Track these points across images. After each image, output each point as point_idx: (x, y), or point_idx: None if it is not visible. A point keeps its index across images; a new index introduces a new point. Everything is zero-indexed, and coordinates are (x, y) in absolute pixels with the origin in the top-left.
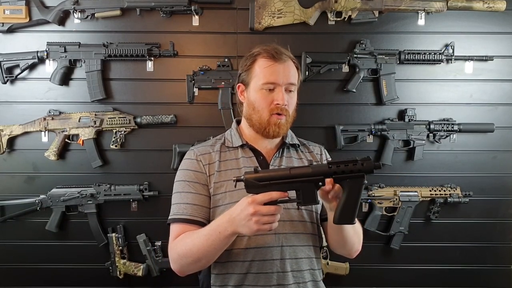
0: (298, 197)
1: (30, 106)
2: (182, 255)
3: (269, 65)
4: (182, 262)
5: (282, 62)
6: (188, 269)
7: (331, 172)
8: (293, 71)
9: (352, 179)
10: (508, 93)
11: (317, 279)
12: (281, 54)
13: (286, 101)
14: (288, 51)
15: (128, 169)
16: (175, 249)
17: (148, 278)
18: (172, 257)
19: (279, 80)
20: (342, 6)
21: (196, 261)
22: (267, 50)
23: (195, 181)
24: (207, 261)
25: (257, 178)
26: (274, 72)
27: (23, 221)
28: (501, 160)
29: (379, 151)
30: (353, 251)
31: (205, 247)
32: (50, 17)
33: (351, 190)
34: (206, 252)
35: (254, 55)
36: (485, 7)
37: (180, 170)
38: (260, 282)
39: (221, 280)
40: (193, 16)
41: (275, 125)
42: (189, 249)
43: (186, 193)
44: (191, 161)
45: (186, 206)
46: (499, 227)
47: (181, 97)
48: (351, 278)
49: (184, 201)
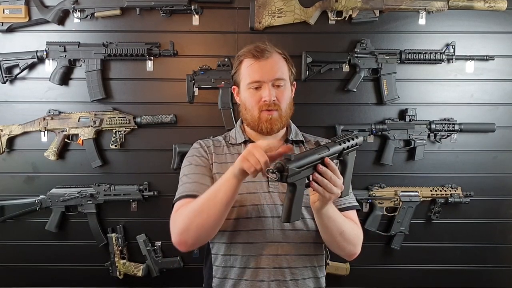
0: None
1: (30, 106)
2: (188, 216)
3: (251, 64)
4: (185, 226)
5: (265, 59)
6: (190, 234)
7: (343, 148)
8: (279, 65)
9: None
10: (509, 93)
11: (318, 275)
12: (263, 51)
13: (274, 96)
14: (271, 46)
15: (128, 169)
16: (180, 215)
17: (148, 278)
18: (173, 226)
19: (264, 77)
20: (343, 5)
21: (204, 217)
22: (249, 50)
23: (201, 165)
24: (209, 215)
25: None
26: (257, 70)
27: (22, 221)
28: (502, 160)
29: (380, 151)
30: (346, 253)
31: (213, 194)
32: (49, 16)
33: (349, 162)
34: (214, 200)
35: (240, 56)
36: (486, 7)
37: (186, 157)
38: (258, 277)
39: (221, 272)
40: (193, 15)
41: (267, 121)
42: (196, 206)
43: (192, 174)
44: (197, 149)
45: (191, 185)
46: (500, 227)
47: (181, 97)
48: (351, 278)
49: (190, 181)
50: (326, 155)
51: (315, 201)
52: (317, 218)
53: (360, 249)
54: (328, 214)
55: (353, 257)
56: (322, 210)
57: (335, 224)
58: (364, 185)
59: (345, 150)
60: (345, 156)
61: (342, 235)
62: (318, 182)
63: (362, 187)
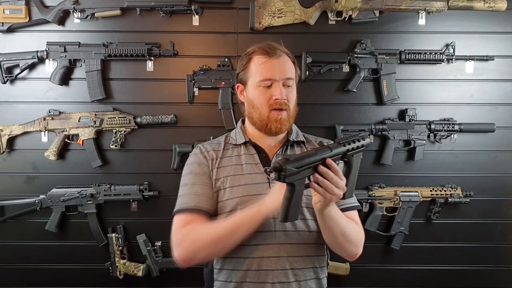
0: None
1: (30, 106)
2: (199, 238)
3: (264, 61)
4: (195, 247)
5: (277, 57)
6: (196, 255)
7: (347, 149)
8: (289, 65)
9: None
10: (509, 93)
11: (319, 276)
12: (275, 49)
13: (285, 95)
14: (282, 46)
15: (128, 169)
16: (188, 235)
17: (148, 278)
18: (182, 243)
19: (276, 76)
20: (343, 5)
21: (212, 245)
22: (261, 47)
23: (201, 173)
24: (223, 246)
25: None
26: (270, 68)
27: (23, 221)
28: (502, 160)
29: (380, 151)
30: (347, 253)
31: (228, 228)
32: (50, 16)
33: (354, 164)
34: (230, 233)
35: (249, 53)
36: (486, 7)
37: (186, 164)
38: (261, 279)
39: (223, 275)
40: (193, 15)
41: (276, 121)
42: (211, 231)
43: (192, 185)
44: (197, 156)
45: (191, 197)
46: (500, 227)
47: (181, 97)
48: (351, 278)
49: (190, 192)
50: (328, 156)
51: (317, 202)
52: (320, 219)
53: (362, 249)
54: (330, 215)
55: (355, 258)
56: (324, 211)
57: (337, 225)
58: (364, 185)
59: (349, 151)
60: (349, 157)
61: (344, 236)
62: (319, 182)
63: (362, 187)
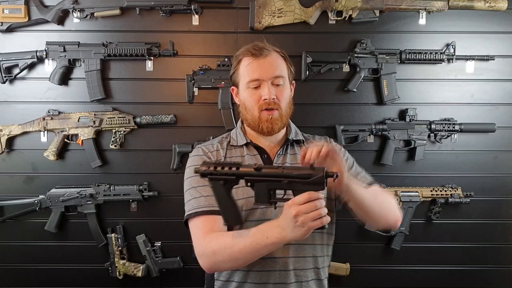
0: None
1: (29, 106)
2: (219, 253)
3: (250, 63)
4: (217, 260)
5: (264, 57)
6: (220, 267)
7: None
8: (277, 63)
9: None
10: (509, 93)
11: (321, 277)
12: (261, 49)
13: (274, 94)
14: (270, 45)
15: (128, 169)
16: (210, 246)
17: (148, 278)
18: (204, 253)
19: (263, 76)
20: (343, 5)
21: (233, 261)
22: (247, 49)
23: None
24: (244, 263)
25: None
26: (256, 69)
27: (22, 222)
28: (502, 160)
29: (380, 151)
30: (389, 222)
31: (248, 249)
32: (49, 16)
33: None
34: (248, 254)
35: (238, 56)
36: (487, 7)
37: (189, 167)
38: (263, 279)
39: (225, 275)
40: (193, 15)
41: (267, 121)
42: (229, 248)
43: (201, 187)
44: (201, 157)
45: (205, 198)
46: (501, 227)
47: (181, 97)
48: (351, 278)
49: (201, 194)
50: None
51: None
52: (349, 198)
53: (401, 213)
54: (353, 187)
55: (399, 223)
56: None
57: (366, 193)
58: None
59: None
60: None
61: (378, 202)
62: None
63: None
